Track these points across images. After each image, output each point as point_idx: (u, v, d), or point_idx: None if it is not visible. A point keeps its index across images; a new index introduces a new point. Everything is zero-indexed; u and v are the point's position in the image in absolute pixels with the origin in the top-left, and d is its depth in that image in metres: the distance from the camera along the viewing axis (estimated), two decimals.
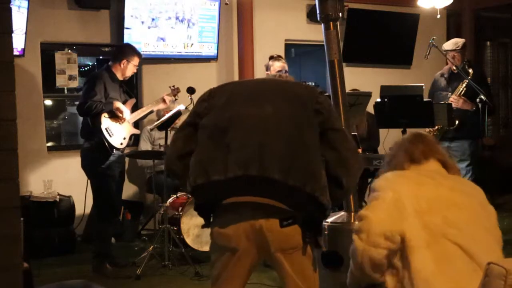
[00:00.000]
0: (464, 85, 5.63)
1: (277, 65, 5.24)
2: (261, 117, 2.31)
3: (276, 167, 2.20)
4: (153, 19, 6.31)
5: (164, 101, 5.23)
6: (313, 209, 2.25)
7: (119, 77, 4.97)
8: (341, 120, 2.60)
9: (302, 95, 2.39)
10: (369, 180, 7.02)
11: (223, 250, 2.33)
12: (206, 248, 4.90)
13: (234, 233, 2.27)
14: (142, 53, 5.59)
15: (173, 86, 5.37)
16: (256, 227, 2.24)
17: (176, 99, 5.38)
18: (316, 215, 2.29)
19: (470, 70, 5.62)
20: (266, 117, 2.31)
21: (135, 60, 5.01)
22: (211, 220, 2.40)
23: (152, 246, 4.91)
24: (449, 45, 5.85)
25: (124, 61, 4.94)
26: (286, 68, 5.32)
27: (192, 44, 6.61)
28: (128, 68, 4.97)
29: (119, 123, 4.87)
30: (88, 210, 5.49)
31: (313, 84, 9.59)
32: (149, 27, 6.30)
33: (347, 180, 2.33)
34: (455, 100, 5.58)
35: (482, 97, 5.47)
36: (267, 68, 5.35)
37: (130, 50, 5.09)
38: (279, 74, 4.57)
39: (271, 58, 5.35)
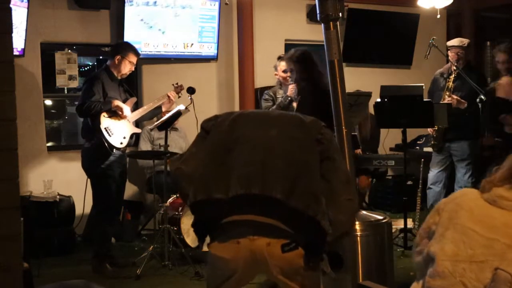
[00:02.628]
0: (451, 80, 5.62)
1: (282, 65, 5.36)
2: (265, 138, 2.31)
3: (279, 187, 2.18)
4: (153, 19, 6.31)
5: (168, 97, 5.23)
6: (313, 234, 2.21)
7: (116, 75, 4.96)
8: (340, 152, 2.57)
9: (306, 123, 2.40)
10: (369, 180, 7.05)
11: (221, 271, 2.30)
12: (206, 248, 4.90)
13: (233, 258, 2.23)
14: (142, 53, 5.59)
15: (177, 84, 5.37)
16: (257, 252, 2.20)
17: (179, 96, 5.38)
18: (316, 240, 2.24)
19: (455, 67, 5.60)
20: (270, 138, 2.31)
21: (131, 57, 4.98)
22: (210, 239, 2.35)
23: (152, 246, 4.91)
24: (455, 41, 5.85)
25: (118, 57, 4.93)
26: (293, 67, 5.35)
27: (192, 44, 6.61)
28: (123, 65, 4.93)
29: (119, 122, 4.87)
30: (88, 210, 5.49)
31: None
32: (149, 27, 6.30)
33: (335, 212, 2.26)
34: (449, 100, 5.59)
35: (482, 97, 5.47)
36: (275, 68, 5.48)
37: (125, 46, 5.08)
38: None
39: (279, 58, 5.50)
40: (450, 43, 5.88)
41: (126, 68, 4.97)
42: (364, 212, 3.84)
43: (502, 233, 2.06)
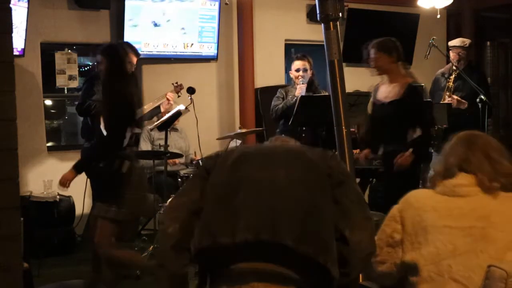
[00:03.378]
0: (451, 80, 5.62)
1: (296, 64, 5.44)
2: (272, 180, 2.21)
3: (289, 233, 2.10)
4: (153, 19, 6.31)
5: (167, 98, 5.23)
6: (321, 281, 2.15)
7: None
8: (349, 174, 2.47)
9: (314, 160, 2.31)
10: (370, 179, 7.04)
11: None
12: None
13: None
14: (142, 53, 5.59)
15: (176, 83, 5.38)
16: None
17: (179, 96, 5.38)
18: (323, 286, 2.16)
19: (455, 67, 5.59)
20: (278, 180, 2.21)
21: (131, 57, 4.98)
22: (216, 284, 2.27)
23: (152, 246, 4.91)
24: (456, 41, 5.85)
25: None
26: (307, 66, 5.43)
27: (192, 44, 6.61)
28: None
29: None
30: (88, 210, 5.48)
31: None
32: (149, 27, 6.30)
33: (351, 232, 2.17)
34: (449, 100, 5.58)
35: (482, 97, 5.47)
36: (291, 67, 5.54)
37: (124, 47, 5.07)
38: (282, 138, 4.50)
39: (296, 57, 5.57)
40: (452, 43, 5.88)
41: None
42: None
43: (474, 218, 2.08)
